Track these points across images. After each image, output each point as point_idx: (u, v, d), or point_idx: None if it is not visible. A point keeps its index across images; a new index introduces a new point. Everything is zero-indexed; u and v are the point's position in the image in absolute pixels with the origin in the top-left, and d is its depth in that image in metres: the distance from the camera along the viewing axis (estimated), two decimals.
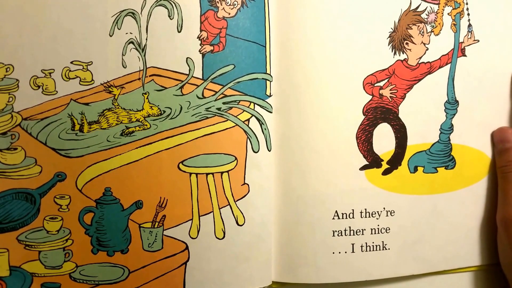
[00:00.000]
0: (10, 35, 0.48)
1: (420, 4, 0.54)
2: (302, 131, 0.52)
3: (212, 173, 0.51)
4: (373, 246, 0.55)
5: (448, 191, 0.56)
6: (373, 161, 0.54)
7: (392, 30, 0.53)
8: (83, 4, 0.49)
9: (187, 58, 0.50)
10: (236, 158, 0.51)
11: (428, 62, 0.55)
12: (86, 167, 0.49)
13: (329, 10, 0.52)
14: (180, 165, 0.50)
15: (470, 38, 0.55)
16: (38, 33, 0.48)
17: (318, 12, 0.52)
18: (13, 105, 0.48)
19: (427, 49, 0.54)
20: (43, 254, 0.49)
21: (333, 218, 0.53)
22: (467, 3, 0.55)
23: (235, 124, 0.52)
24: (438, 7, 0.54)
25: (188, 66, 0.50)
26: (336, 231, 0.54)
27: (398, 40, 0.54)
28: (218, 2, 0.51)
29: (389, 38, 0.54)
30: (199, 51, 0.51)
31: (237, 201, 0.52)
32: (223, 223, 0.52)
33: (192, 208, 0.51)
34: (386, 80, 0.54)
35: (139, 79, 0.50)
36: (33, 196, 0.49)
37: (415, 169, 0.55)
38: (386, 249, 0.55)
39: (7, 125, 0.48)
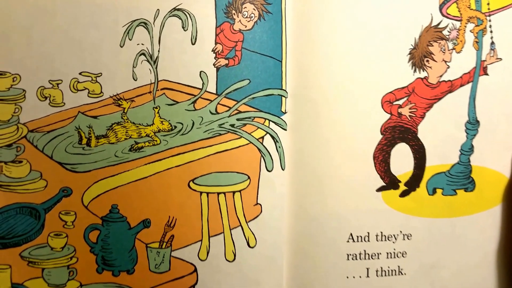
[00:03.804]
0: (18, 44, 0.47)
1: (441, 21, 0.53)
2: (317, 149, 0.51)
3: (224, 193, 0.50)
4: (388, 270, 0.54)
5: (467, 214, 0.55)
6: (390, 182, 0.53)
7: (412, 47, 0.52)
8: (93, 13, 0.48)
9: (200, 71, 0.49)
10: (249, 177, 0.50)
11: (449, 80, 0.53)
12: (92, 183, 0.48)
13: (347, 26, 0.51)
14: (191, 183, 0.49)
15: (493, 56, 0.54)
16: (46, 42, 0.47)
17: (336, 27, 0.51)
18: (19, 116, 0.48)
19: (448, 67, 0.53)
20: (46, 271, 0.48)
21: (348, 241, 0.52)
22: (490, 20, 0.53)
23: (249, 142, 0.50)
24: (460, 23, 0.53)
25: (202, 80, 0.49)
26: (350, 254, 0.53)
27: (419, 57, 0.52)
28: (234, 14, 0.50)
29: (409, 55, 0.52)
30: (214, 64, 0.49)
31: (249, 222, 0.51)
32: (234, 245, 0.51)
33: (202, 229, 0.50)
34: (405, 99, 0.53)
35: (150, 92, 0.49)
36: (38, 211, 0.48)
37: (434, 191, 0.54)
38: (402, 274, 0.54)
39: (13, 136, 0.48)
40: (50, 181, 0.48)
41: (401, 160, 0.53)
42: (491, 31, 0.53)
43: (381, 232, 0.53)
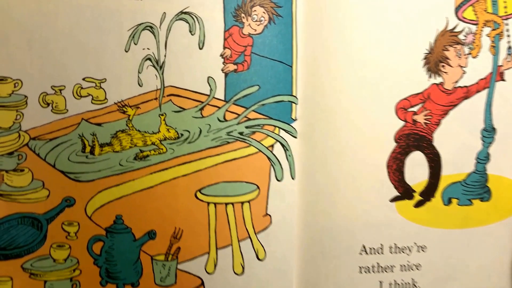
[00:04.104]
0: (19, 48, 0.46)
1: (457, 24, 0.51)
2: (328, 158, 0.50)
3: (232, 203, 0.49)
4: (402, 284, 0.52)
5: (482, 225, 0.54)
6: (404, 192, 0.52)
7: (427, 52, 0.51)
8: (97, 16, 0.46)
9: (208, 77, 0.48)
10: (258, 187, 0.49)
11: (465, 86, 0.52)
12: (96, 193, 0.47)
13: (360, 29, 0.49)
14: (198, 193, 0.48)
15: (510, 61, 0.52)
16: (48, 46, 0.46)
17: (348, 31, 0.49)
18: (20, 124, 0.46)
19: (464, 72, 0.52)
20: (49, 284, 0.47)
21: (360, 253, 0.51)
22: (507, 24, 0.52)
23: (258, 150, 0.49)
24: (477, 27, 0.52)
25: (209, 86, 0.48)
26: (363, 267, 0.51)
27: (434, 62, 0.51)
28: (243, 17, 0.48)
29: (424, 60, 0.51)
30: (222, 70, 0.48)
31: (258, 233, 0.50)
32: (242, 257, 0.49)
33: (209, 241, 0.49)
34: (420, 105, 0.51)
35: (156, 99, 0.48)
36: (40, 222, 0.47)
37: (449, 201, 0.53)
38: (416, 287, 0.53)
39: (14, 144, 0.46)
40: (52, 191, 0.47)
41: (416, 169, 0.52)
42: (508, 35, 0.52)
43: (395, 244, 0.52)
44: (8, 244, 0.47)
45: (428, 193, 0.53)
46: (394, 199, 0.52)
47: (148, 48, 0.47)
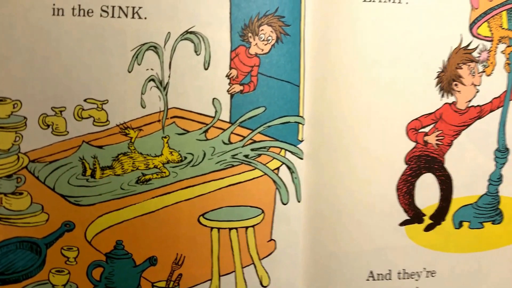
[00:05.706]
0: (19, 67, 0.45)
1: (471, 41, 0.50)
2: (335, 180, 0.49)
3: (236, 228, 0.48)
4: None
5: (493, 248, 0.53)
6: (414, 215, 0.51)
7: (440, 70, 0.49)
8: (99, 36, 0.45)
9: (213, 98, 0.47)
10: (263, 211, 0.48)
11: (478, 105, 0.51)
12: (96, 217, 0.46)
13: (371, 47, 0.48)
14: (201, 218, 0.47)
15: None
16: (49, 66, 0.45)
17: (358, 49, 0.48)
18: (19, 146, 0.45)
19: (478, 91, 0.50)
20: None
21: (368, 279, 0.50)
22: None
23: (263, 173, 0.48)
24: (491, 44, 0.50)
25: (215, 107, 0.47)
26: None
27: (447, 81, 0.50)
28: (250, 37, 0.47)
29: (437, 79, 0.49)
30: (227, 91, 0.47)
31: (262, 259, 0.48)
32: (246, 284, 0.48)
33: (212, 267, 0.48)
34: (432, 126, 0.50)
35: (159, 121, 0.46)
36: (39, 246, 0.46)
37: (460, 225, 0.52)
38: None
39: (13, 167, 0.45)
40: (52, 215, 0.46)
41: (426, 191, 0.51)
42: None
43: (404, 270, 0.51)
44: (6, 269, 0.46)
45: (438, 216, 0.51)
46: (404, 223, 0.50)
47: (151, 69, 0.46)
